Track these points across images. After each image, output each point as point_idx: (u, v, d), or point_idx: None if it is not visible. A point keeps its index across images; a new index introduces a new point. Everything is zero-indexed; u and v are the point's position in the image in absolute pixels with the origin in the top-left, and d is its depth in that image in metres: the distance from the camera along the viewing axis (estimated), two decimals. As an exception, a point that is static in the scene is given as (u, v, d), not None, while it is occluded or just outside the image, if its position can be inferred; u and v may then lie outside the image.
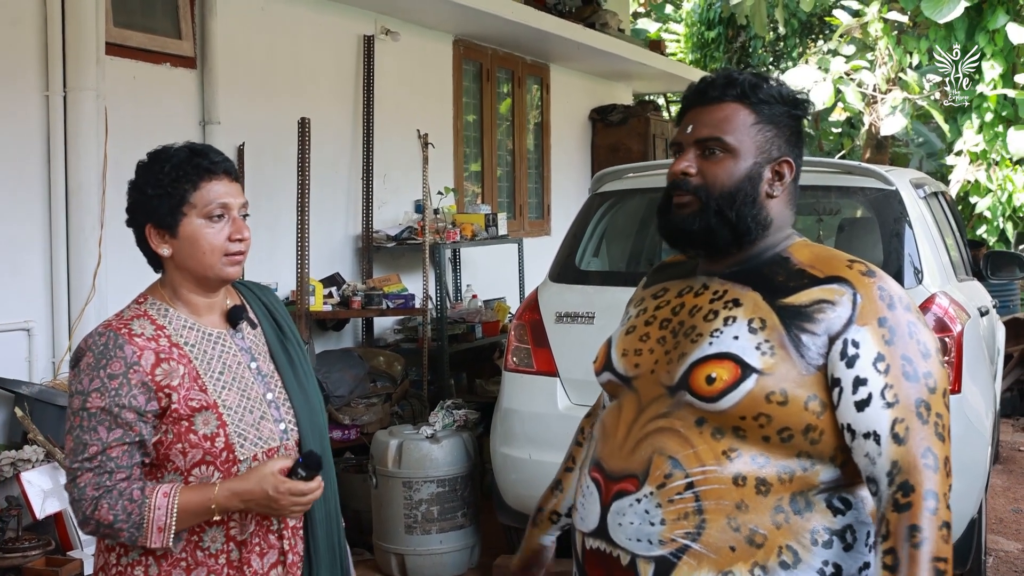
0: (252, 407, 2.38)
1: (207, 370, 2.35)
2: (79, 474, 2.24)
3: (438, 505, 5.19)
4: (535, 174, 10.36)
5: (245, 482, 2.24)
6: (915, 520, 1.84)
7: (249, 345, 2.47)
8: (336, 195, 7.29)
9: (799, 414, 1.94)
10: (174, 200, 2.33)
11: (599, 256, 5.43)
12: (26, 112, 5.09)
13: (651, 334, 2.14)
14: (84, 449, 2.24)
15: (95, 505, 2.22)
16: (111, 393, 2.23)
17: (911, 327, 1.96)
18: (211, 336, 2.40)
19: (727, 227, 2.05)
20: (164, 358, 2.30)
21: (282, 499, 2.23)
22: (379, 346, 7.29)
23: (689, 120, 2.11)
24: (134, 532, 2.23)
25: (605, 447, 2.09)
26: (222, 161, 2.38)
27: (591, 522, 2.08)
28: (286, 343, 2.55)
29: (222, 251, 2.34)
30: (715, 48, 18.96)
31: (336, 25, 7.28)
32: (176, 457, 2.29)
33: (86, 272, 5.17)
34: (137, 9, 5.74)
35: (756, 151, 2.07)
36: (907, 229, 4.61)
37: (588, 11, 10.27)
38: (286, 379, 2.49)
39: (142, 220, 2.39)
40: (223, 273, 2.37)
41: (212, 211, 2.33)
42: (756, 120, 2.07)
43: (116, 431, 2.24)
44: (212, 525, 2.32)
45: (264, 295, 2.62)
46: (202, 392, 2.31)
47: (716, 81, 2.10)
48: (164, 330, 2.34)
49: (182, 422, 2.28)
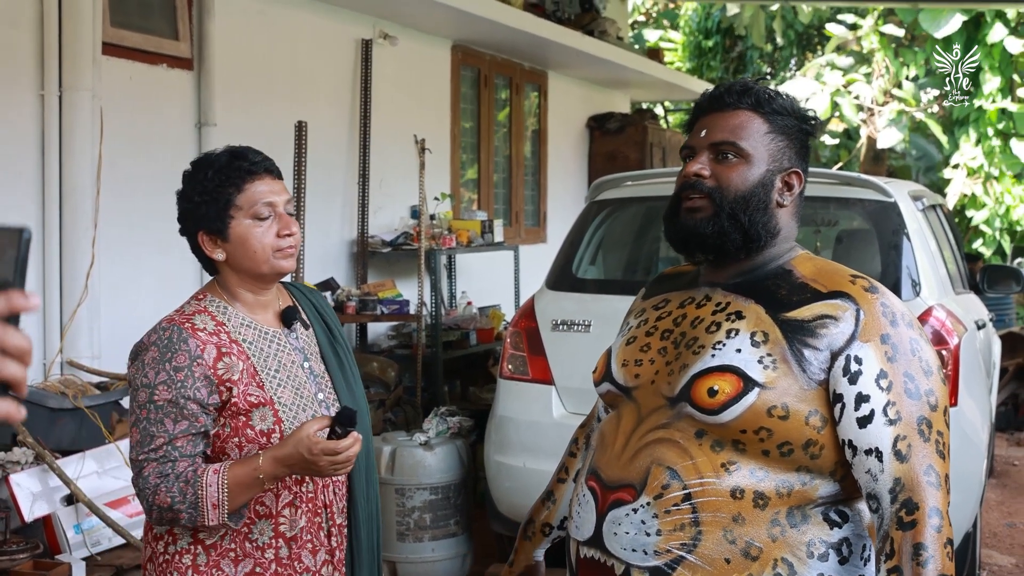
0: (305, 405, 2.44)
1: (264, 367, 2.41)
2: (145, 465, 2.31)
3: (431, 513, 5.16)
4: (532, 181, 10.34)
5: (284, 447, 2.27)
6: (920, 538, 1.84)
7: (302, 345, 2.54)
8: (332, 199, 7.26)
9: (800, 429, 1.93)
10: (220, 204, 2.39)
11: (596, 264, 5.40)
12: (21, 112, 5.06)
13: (652, 344, 2.13)
14: (151, 440, 2.30)
15: (155, 491, 2.28)
16: (177, 385, 2.30)
17: (913, 344, 1.95)
18: (267, 335, 2.47)
19: (739, 232, 2.05)
20: (225, 352, 2.37)
21: (319, 460, 2.24)
22: (373, 352, 7.27)
23: (703, 125, 2.11)
24: (192, 512, 2.27)
25: (603, 456, 2.08)
26: (262, 160, 2.45)
27: (586, 531, 2.07)
28: (336, 345, 2.63)
29: (273, 248, 2.40)
30: (712, 57, 19.00)
31: (334, 29, 7.26)
32: (232, 451, 2.35)
33: (79, 273, 5.13)
34: (134, 9, 5.71)
35: (769, 159, 2.07)
36: (905, 241, 4.60)
37: (587, 18, 10.27)
38: (335, 380, 2.56)
39: (193, 228, 2.44)
40: (277, 267, 2.42)
41: (259, 211, 2.39)
42: (769, 129, 2.07)
43: (182, 423, 2.30)
44: (261, 518, 2.37)
45: (314, 297, 2.70)
46: (259, 388, 2.38)
47: (732, 88, 2.10)
48: (224, 326, 2.40)
49: (240, 416, 2.35)
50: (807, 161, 2.14)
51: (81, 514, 4.39)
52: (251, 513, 2.37)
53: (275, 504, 2.39)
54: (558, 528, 2.43)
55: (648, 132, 11.16)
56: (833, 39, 16.00)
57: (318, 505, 2.46)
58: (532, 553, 2.47)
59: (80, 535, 4.37)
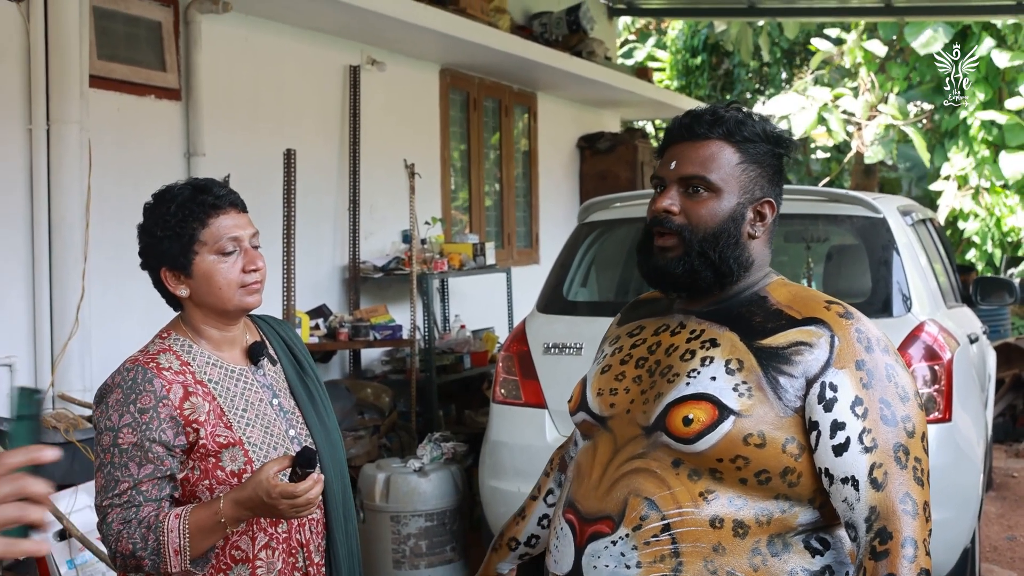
0: (276, 443, 2.39)
1: (231, 407, 2.36)
2: (109, 511, 2.26)
3: (426, 539, 5.15)
4: (523, 203, 10.35)
5: (244, 490, 2.22)
6: (892, 569, 1.82)
7: (270, 382, 2.48)
8: (322, 226, 7.26)
9: (777, 456, 1.91)
10: (184, 240, 2.34)
11: (587, 286, 5.40)
12: (8, 145, 5.05)
13: (627, 373, 2.11)
14: (115, 485, 2.25)
15: (118, 538, 2.23)
16: (142, 427, 2.25)
17: (889, 370, 1.94)
18: (233, 373, 2.42)
19: (710, 269, 2.03)
20: (191, 392, 2.31)
21: (278, 503, 2.18)
22: (367, 378, 7.26)
23: (673, 155, 2.08)
24: (155, 559, 2.23)
25: (580, 488, 2.05)
26: (227, 194, 2.40)
27: (565, 565, 2.04)
28: (305, 378, 2.57)
29: (238, 284, 2.36)
30: (699, 75, 19.03)
31: (321, 56, 7.27)
32: (203, 493, 2.30)
33: (69, 306, 5.11)
34: (121, 41, 5.71)
35: (740, 191, 2.04)
36: (895, 256, 4.60)
37: (575, 40, 10.28)
38: (307, 415, 2.50)
39: (156, 264, 2.40)
40: (243, 304, 2.39)
41: (223, 246, 2.35)
42: (741, 159, 2.04)
43: (147, 466, 2.25)
44: (238, 563, 2.32)
45: (282, 329, 2.64)
46: (227, 429, 2.33)
47: (702, 117, 2.06)
48: (189, 366, 2.35)
49: (210, 458, 2.30)
50: (780, 185, 2.11)
51: (74, 549, 4.36)
52: (227, 558, 2.31)
53: (251, 548, 2.33)
54: (525, 544, 2.42)
55: (639, 151, 11.17)
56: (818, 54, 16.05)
57: (293, 545, 2.39)
58: (495, 565, 2.46)
59: (73, 570, 4.35)
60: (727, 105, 2.11)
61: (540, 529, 2.40)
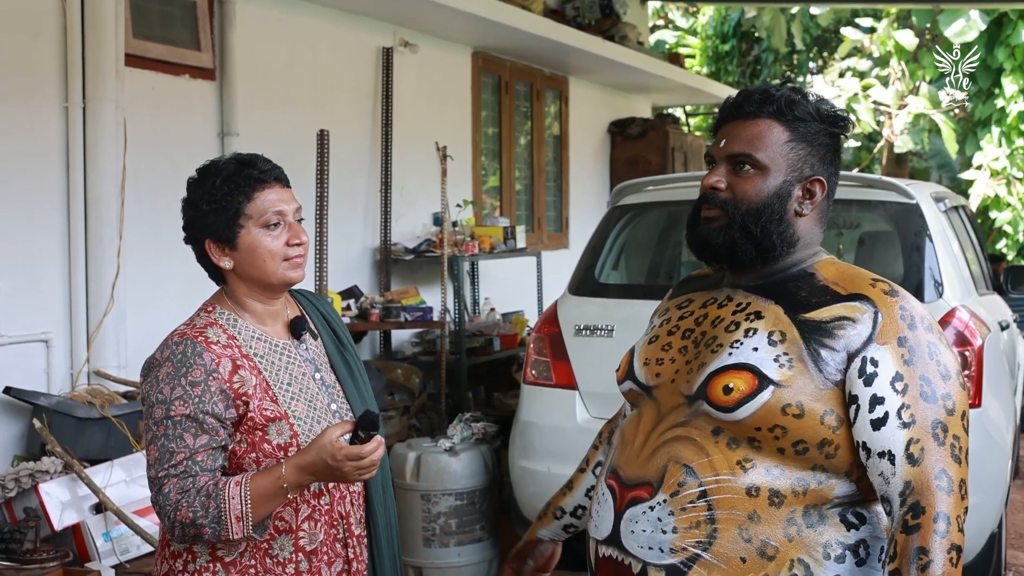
0: (319, 417, 2.41)
1: (276, 381, 2.38)
2: (165, 481, 2.26)
3: (456, 518, 5.18)
4: (554, 187, 10.35)
5: (307, 454, 2.23)
6: (923, 542, 1.83)
7: (312, 356, 2.50)
8: (354, 207, 7.29)
9: (815, 428, 1.93)
10: (230, 213, 2.36)
11: (618, 269, 5.41)
12: (45, 124, 5.10)
13: (673, 344, 2.14)
14: (171, 457, 2.26)
15: (176, 507, 2.24)
16: (194, 400, 2.26)
17: (932, 347, 1.95)
18: (278, 347, 2.43)
19: (751, 242, 2.05)
20: (239, 366, 2.33)
21: (343, 465, 2.20)
22: (397, 359, 7.29)
23: (724, 134, 2.12)
24: (215, 527, 2.23)
25: (622, 455, 2.09)
26: (271, 169, 2.41)
27: (604, 529, 2.08)
28: (345, 353, 2.59)
29: (282, 256, 2.38)
30: (729, 61, 18.96)
31: (355, 37, 7.29)
32: (249, 466, 2.32)
33: (105, 283, 5.17)
34: (156, 21, 5.75)
35: (787, 169, 2.06)
36: (928, 243, 4.59)
37: (607, 24, 10.27)
38: (347, 389, 2.53)
39: (200, 236, 2.41)
40: (286, 277, 2.40)
41: (268, 220, 2.36)
42: (790, 138, 2.07)
43: (202, 437, 2.27)
44: (281, 533, 2.34)
45: (321, 304, 2.65)
46: (273, 403, 2.35)
47: (753, 96, 2.09)
48: (235, 340, 2.37)
49: (257, 431, 2.32)
50: (835, 165, 2.12)
51: (110, 522, 4.42)
52: (271, 529, 2.33)
53: (295, 519, 2.36)
54: (570, 515, 2.44)
55: (670, 136, 11.15)
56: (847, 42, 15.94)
57: (334, 517, 2.43)
58: (537, 531, 2.48)
59: (109, 543, 4.40)
60: (782, 85, 2.12)
61: (587, 500, 2.41)
